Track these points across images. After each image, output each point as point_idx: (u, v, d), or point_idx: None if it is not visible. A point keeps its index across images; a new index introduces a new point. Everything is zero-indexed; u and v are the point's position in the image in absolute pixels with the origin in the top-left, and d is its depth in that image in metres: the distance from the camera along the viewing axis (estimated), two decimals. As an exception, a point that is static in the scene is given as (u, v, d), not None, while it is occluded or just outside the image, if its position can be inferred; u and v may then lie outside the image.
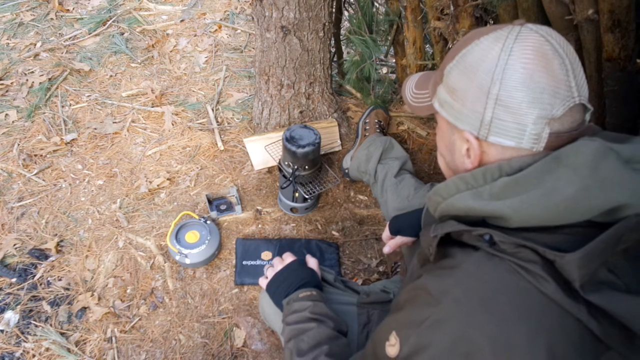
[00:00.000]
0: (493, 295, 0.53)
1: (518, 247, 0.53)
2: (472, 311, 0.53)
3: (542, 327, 0.51)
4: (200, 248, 1.42)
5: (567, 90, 0.57)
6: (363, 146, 1.59)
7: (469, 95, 0.61)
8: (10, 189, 1.65)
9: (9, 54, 2.15)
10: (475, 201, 0.58)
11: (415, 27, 1.68)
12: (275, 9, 1.42)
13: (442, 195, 0.62)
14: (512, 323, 0.51)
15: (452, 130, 0.66)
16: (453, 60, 0.64)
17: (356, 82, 1.90)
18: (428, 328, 0.55)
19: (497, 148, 0.60)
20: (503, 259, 0.54)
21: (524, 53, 0.57)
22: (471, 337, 0.52)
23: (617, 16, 1.00)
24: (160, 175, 1.70)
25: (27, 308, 1.37)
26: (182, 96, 2.02)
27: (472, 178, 0.59)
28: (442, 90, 0.66)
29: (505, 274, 0.54)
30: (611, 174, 0.52)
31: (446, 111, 0.65)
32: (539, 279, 0.52)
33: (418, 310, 0.58)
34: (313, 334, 0.85)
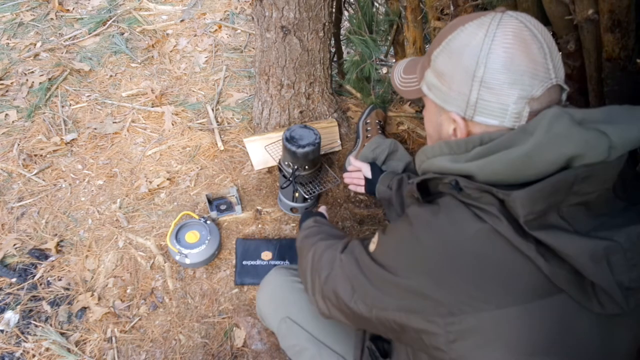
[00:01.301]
0: (453, 230, 0.62)
1: (481, 193, 0.60)
2: (439, 232, 0.63)
3: (486, 260, 0.59)
4: (200, 248, 1.42)
5: (545, 72, 0.62)
6: (368, 148, 1.59)
7: (456, 78, 0.66)
8: (10, 189, 1.65)
9: (9, 54, 2.15)
10: (450, 163, 0.65)
11: (415, 27, 1.68)
12: (275, 9, 1.42)
13: (427, 155, 0.71)
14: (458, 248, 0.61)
15: (439, 112, 0.71)
16: (440, 46, 0.69)
17: (356, 82, 1.90)
18: (396, 236, 0.70)
19: (481, 127, 0.66)
20: (467, 204, 0.62)
21: (505, 38, 0.62)
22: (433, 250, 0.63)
23: (617, 16, 1.00)
24: (160, 175, 1.70)
25: (27, 308, 1.37)
26: (182, 96, 2.02)
27: (456, 145, 0.66)
28: (430, 74, 0.71)
29: (468, 216, 0.61)
30: (562, 131, 0.56)
31: (434, 94, 0.71)
32: (494, 218, 0.59)
33: (397, 225, 0.71)
34: (317, 229, 1.06)
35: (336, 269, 0.81)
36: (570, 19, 1.11)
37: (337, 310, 0.81)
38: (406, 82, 0.80)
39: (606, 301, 0.57)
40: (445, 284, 0.61)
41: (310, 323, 1.02)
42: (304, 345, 1.00)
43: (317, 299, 0.87)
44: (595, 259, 0.55)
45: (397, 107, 1.94)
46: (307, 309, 1.03)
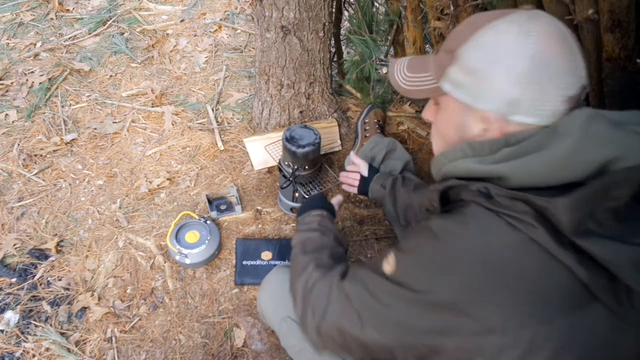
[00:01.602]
0: (489, 241, 0.58)
1: (512, 200, 0.57)
2: (465, 249, 0.59)
3: (527, 271, 0.56)
4: (200, 248, 1.42)
5: (580, 70, 0.61)
6: (366, 147, 1.59)
7: (495, 75, 0.62)
8: (10, 189, 1.65)
9: (9, 54, 2.15)
10: (478, 165, 0.62)
11: (415, 27, 1.68)
12: (275, 9, 1.42)
13: (448, 158, 0.67)
14: (497, 260, 0.57)
15: (464, 112, 0.67)
16: (468, 42, 0.65)
17: (356, 82, 1.90)
18: (423, 254, 0.64)
19: (516, 126, 0.63)
20: (498, 212, 0.58)
21: (544, 35, 0.60)
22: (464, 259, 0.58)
23: (617, 16, 1.00)
24: (160, 175, 1.70)
25: (27, 308, 1.37)
26: (182, 96, 2.02)
27: (480, 146, 0.64)
28: (455, 72, 0.67)
29: (501, 225, 0.58)
30: (601, 131, 0.56)
31: (461, 92, 0.67)
32: (529, 227, 0.56)
33: (418, 241, 0.66)
34: (317, 240, 0.99)
35: (335, 302, 0.75)
36: (570, 19, 1.11)
37: (340, 348, 0.75)
38: (414, 81, 0.75)
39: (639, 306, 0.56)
40: (483, 299, 0.57)
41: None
42: (304, 345, 0.99)
43: (310, 334, 0.81)
44: (636, 265, 0.54)
45: (397, 107, 1.94)
46: None
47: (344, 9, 1.88)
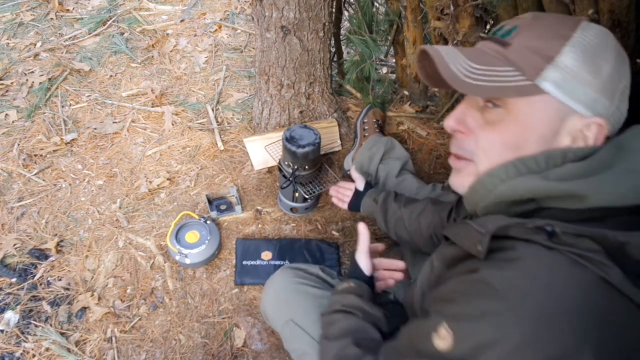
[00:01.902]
0: (560, 288, 0.50)
1: (578, 238, 0.51)
2: (542, 306, 0.49)
3: (611, 320, 0.49)
4: (200, 248, 1.42)
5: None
6: (365, 147, 1.59)
7: (610, 79, 0.59)
8: (10, 189, 1.65)
9: (9, 54, 2.15)
10: (542, 182, 0.55)
11: (415, 27, 1.68)
12: (275, 9, 1.42)
13: (500, 177, 0.59)
14: (582, 317, 0.48)
15: (563, 117, 0.59)
16: (566, 45, 0.59)
17: (356, 82, 1.90)
18: (493, 323, 0.51)
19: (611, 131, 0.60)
20: (562, 252, 0.51)
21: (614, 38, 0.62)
22: (543, 333, 0.48)
23: (617, 16, 1.00)
24: (160, 175, 1.70)
25: (27, 308, 1.37)
26: (182, 96, 2.02)
27: (535, 162, 0.58)
28: (554, 71, 0.59)
29: (569, 266, 0.51)
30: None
31: (565, 94, 0.59)
32: (603, 267, 0.49)
33: (477, 303, 0.53)
34: (340, 325, 0.85)
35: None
36: (570, 19, 1.11)
37: None
38: (488, 75, 0.61)
39: None
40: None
41: (314, 328, 0.98)
42: (306, 350, 0.97)
43: None
44: None
45: (397, 107, 1.94)
46: (311, 313, 1.00)
47: (344, 9, 1.88)
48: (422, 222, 1.12)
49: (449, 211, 1.06)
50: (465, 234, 0.62)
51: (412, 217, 1.15)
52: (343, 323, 0.85)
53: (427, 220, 1.11)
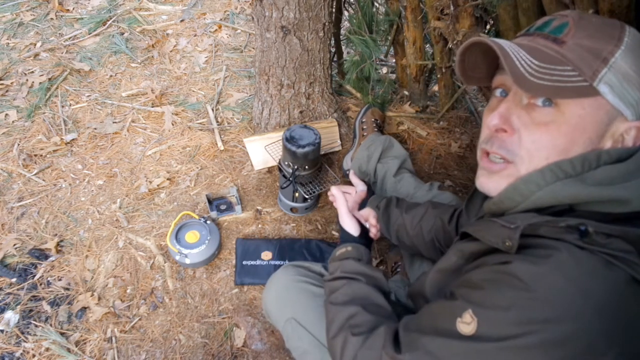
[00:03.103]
0: (591, 287, 0.50)
1: (610, 238, 0.51)
2: (571, 303, 0.50)
3: (633, 312, 0.49)
4: (200, 248, 1.42)
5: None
6: (363, 146, 1.59)
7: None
8: (10, 189, 1.65)
9: (9, 54, 2.15)
10: (583, 187, 0.55)
11: (415, 27, 1.68)
12: (275, 9, 1.42)
13: (538, 184, 0.59)
14: (611, 316, 0.49)
15: (612, 119, 0.59)
16: (620, 46, 0.59)
17: (356, 82, 1.90)
18: (519, 316, 0.52)
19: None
20: (593, 251, 0.51)
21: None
22: (570, 329, 0.49)
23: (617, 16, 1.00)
24: (160, 175, 1.70)
25: (27, 308, 1.37)
26: (182, 96, 2.02)
27: (571, 166, 0.57)
28: (612, 75, 0.58)
29: (601, 266, 0.51)
30: None
31: (619, 97, 0.58)
32: (636, 267, 0.50)
33: (504, 294, 0.54)
34: (345, 291, 0.85)
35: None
36: (570, 19, 1.11)
37: None
38: (552, 75, 0.58)
39: None
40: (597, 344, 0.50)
41: (316, 326, 0.98)
42: (307, 348, 0.97)
43: None
44: None
45: (397, 107, 1.94)
46: (313, 311, 1.00)
47: (344, 9, 1.88)
48: (423, 227, 1.12)
49: (451, 214, 1.06)
50: (490, 230, 0.61)
51: (414, 223, 1.14)
52: (348, 289, 0.84)
53: (428, 225, 1.11)
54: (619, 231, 0.51)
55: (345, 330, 0.75)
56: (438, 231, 1.08)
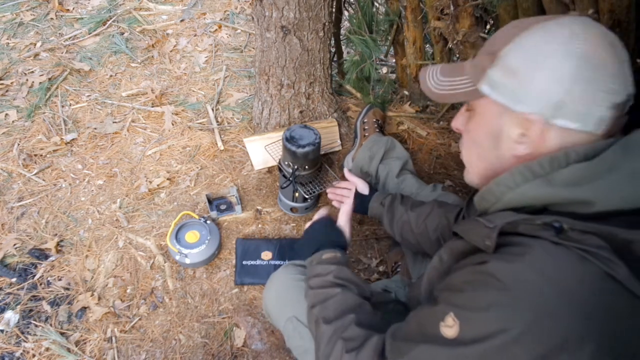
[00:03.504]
0: (566, 282, 0.52)
1: (585, 234, 0.53)
2: (547, 298, 0.51)
3: (615, 315, 0.51)
4: (200, 248, 1.42)
5: (627, 79, 0.59)
6: (365, 147, 1.59)
7: (537, 76, 0.60)
8: (10, 189, 1.65)
9: (9, 53, 2.15)
10: (550, 188, 0.57)
11: (415, 27, 1.68)
12: (275, 9, 1.42)
13: (509, 185, 0.61)
14: (586, 311, 0.50)
15: (501, 114, 0.64)
16: (510, 43, 0.63)
17: (356, 82, 1.90)
18: (498, 315, 0.54)
19: (558, 132, 0.60)
20: (569, 247, 0.53)
21: (594, 39, 0.58)
22: (546, 324, 0.50)
23: (617, 16, 1.00)
24: (160, 175, 1.70)
25: (27, 308, 1.37)
26: (182, 96, 2.02)
27: (539, 166, 0.59)
28: (495, 72, 0.64)
29: (575, 261, 0.52)
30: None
31: (500, 93, 0.64)
32: (609, 263, 0.50)
33: (483, 295, 0.56)
34: (338, 301, 0.84)
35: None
36: (570, 18, 1.11)
37: None
38: (448, 85, 0.71)
39: None
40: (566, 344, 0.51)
41: None
42: (309, 346, 0.97)
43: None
44: None
45: (397, 107, 1.94)
46: None
47: (344, 9, 1.88)
48: (428, 225, 1.12)
49: (457, 214, 1.05)
50: (474, 230, 0.63)
51: (419, 220, 1.14)
52: (341, 299, 0.84)
53: (434, 223, 1.11)
54: (593, 228, 0.53)
55: (338, 347, 0.75)
56: (444, 230, 1.08)
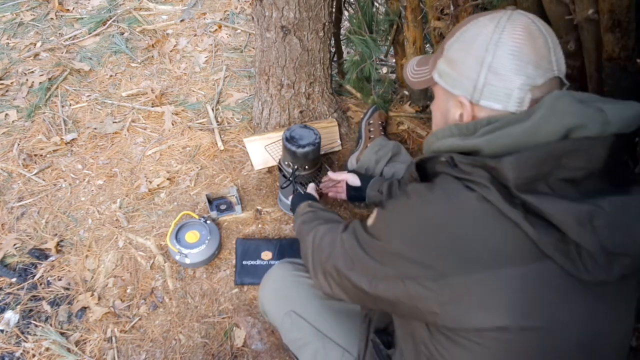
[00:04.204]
0: (446, 199, 0.66)
1: (473, 167, 0.64)
2: (432, 203, 0.67)
3: (477, 226, 0.63)
4: (200, 248, 1.42)
5: (548, 64, 0.68)
6: (370, 149, 1.59)
7: (466, 64, 0.71)
8: (10, 189, 1.65)
9: (9, 53, 2.15)
10: (460, 141, 0.69)
11: (415, 27, 1.68)
12: (275, 9, 1.42)
13: (437, 137, 0.74)
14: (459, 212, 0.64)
15: (448, 98, 0.76)
16: (453, 37, 0.75)
17: (356, 82, 1.90)
18: (397, 215, 0.72)
19: (486, 111, 0.71)
20: (461, 178, 0.66)
21: (514, 30, 0.68)
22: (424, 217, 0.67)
23: (617, 16, 1.00)
24: (160, 175, 1.70)
25: (27, 308, 1.37)
26: (182, 96, 2.02)
27: (465, 127, 0.70)
28: (441, 63, 0.77)
29: (459, 186, 0.65)
30: (565, 106, 0.62)
31: (444, 80, 0.76)
32: (483, 187, 0.62)
33: (395, 201, 0.74)
34: (313, 214, 1.08)
35: (337, 248, 0.84)
36: (570, 18, 1.11)
37: (338, 287, 0.84)
38: (418, 74, 0.86)
39: (591, 266, 0.60)
40: (437, 249, 0.64)
41: (315, 317, 1.02)
42: (307, 339, 1.01)
43: (319, 278, 0.89)
44: (580, 221, 0.58)
45: (397, 107, 1.94)
46: (312, 302, 1.04)
47: (344, 9, 1.88)
48: None
49: None
50: (410, 166, 0.81)
51: None
52: (315, 214, 1.09)
53: None
54: (479, 161, 0.64)
55: (316, 226, 0.97)
56: None
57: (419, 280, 0.65)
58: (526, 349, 0.63)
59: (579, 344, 0.64)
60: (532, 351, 0.63)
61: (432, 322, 0.67)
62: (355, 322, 1.00)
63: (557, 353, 0.63)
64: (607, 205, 0.59)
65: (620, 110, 0.62)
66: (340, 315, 1.03)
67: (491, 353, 0.63)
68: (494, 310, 0.61)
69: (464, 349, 0.65)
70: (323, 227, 0.96)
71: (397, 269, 0.69)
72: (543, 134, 0.62)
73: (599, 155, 0.62)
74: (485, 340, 0.63)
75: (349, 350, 0.98)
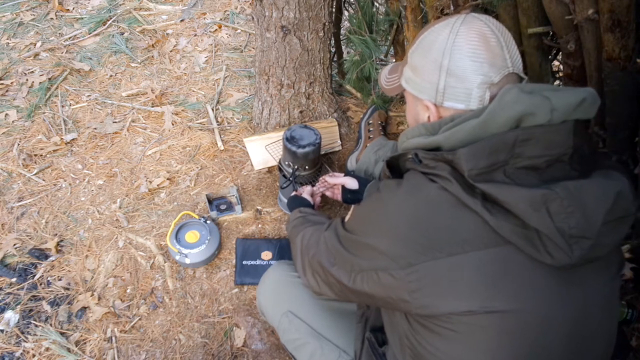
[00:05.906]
0: (415, 188, 0.70)
1: (436, 162, 0.68)
2: (398, 197, 0.72)
3: (440, 214, 0.66)
4: (200, 248, 1.42)
5: (503, 61, 0.71)
6: (370, 149, 1.59)
7: (426, 69, 0.75)
8: (10, 189, 1.65)
9: (9, 53, 2.15)
10: (424, 139, 0.74)
11: (415, 27, 1.68)
12: (275, 9, 1.42)
13: (407, 136, 0.79)
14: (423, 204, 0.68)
15: (416, 102, 0.80)
16: (414, 45, 0.79)
17: (356, 82, 1.90)
18: (369, 209, 0.77)
19: (450, 111, 0.74)
20: (426, 173, 0.70)
21: (468, 33, 0.71)
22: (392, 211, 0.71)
23: (617, 16, 1.00)
24: (160, 175, 1.70)
25: (27, 308, 1.37)
26: (182, 96, 2.02)
27: (431, 126, 0.74)
28: (407, 70, 0.81)
29: (423, 180, 0.70)
30: (512, 97, 0.64)
31: (410, 86, 0.80)
32: (444, 180, 0.66)
33: (369, 198, 0.81)
34: (303, 219, 1.13)
35: (321, 245, 0.88)
36: (571, 18, 1.11)
37: (325, 284, 0.88)
38: (390, 81, 0.92)
39: (553, 250, 0.62)
40: (404, 239, 0.68)
41: (312, 317, 1.03)
42: (305, 339, 1.01)
43: (307, 276, 0.93)
44: (534, 206, 0.60)
45: (397, 107, 1.94)
46: (309, 303, 1.05)
47: (344, 9, 1.88)
48: None
49: None
50: (383, 166, 0.84)
51: None
52: (304, 218, 1.13)
53: None
54: (439, 156, 0.68)
55: (304, 229, 1.02)
56: None
57: (389, 270, 0.69)
58: (496, 333, 0.65)
59: (549, 327, 0.66)
60: (502, 334, 0.65)
61: (406, 310, 0.71)
62: (352, 322, 1.01)
63: (527, 337, 0.65)
64: (561, 190, 0.61)
65: (566, 97, 0.64)
66: (338, 315, 1.04)
67: (464, 338, 0.66)
68: (460, 295, 0.65)
69: (440, 337, 0.68)
70: (311, 229, 1.00)
71: (370, 260, 0.73)
72: (494, 126, 0.65)
73: (559, 142, 0.64)
74: (456, 325, 0.66)
75: (345, 351, 0.99)
